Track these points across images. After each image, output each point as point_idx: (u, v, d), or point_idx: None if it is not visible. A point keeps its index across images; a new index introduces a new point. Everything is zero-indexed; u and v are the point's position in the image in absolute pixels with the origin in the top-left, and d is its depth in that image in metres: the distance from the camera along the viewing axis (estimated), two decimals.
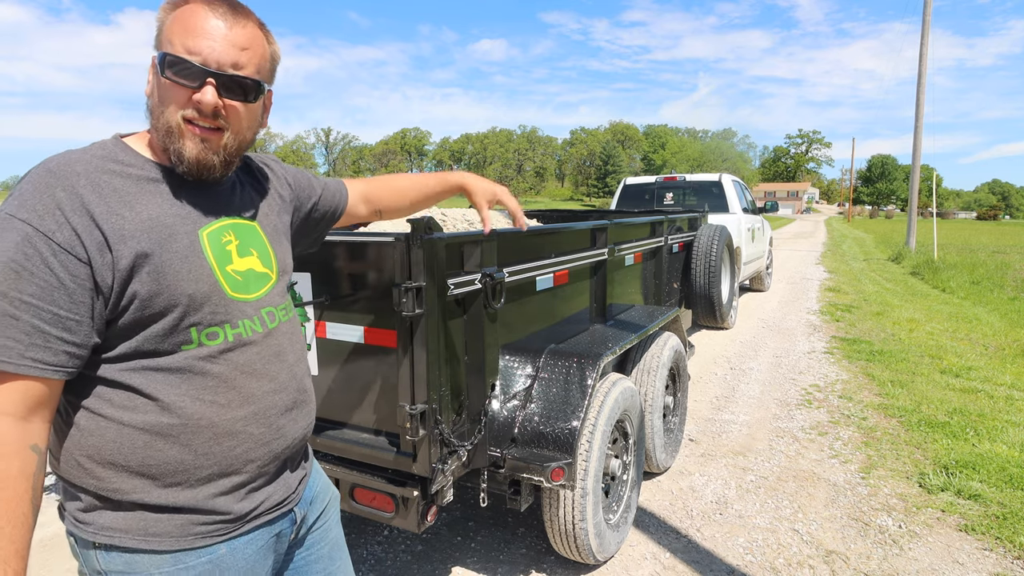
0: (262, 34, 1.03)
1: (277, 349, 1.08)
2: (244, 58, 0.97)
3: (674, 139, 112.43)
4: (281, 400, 1.07)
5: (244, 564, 1.03)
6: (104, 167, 0.94)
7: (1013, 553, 2.72)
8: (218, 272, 0.99)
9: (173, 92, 0.94)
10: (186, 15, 0.94)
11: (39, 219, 0.86)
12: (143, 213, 0.93)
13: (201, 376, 0.97)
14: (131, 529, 0.95)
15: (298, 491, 1.17)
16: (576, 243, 2.92)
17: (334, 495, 1.33)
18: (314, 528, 1.24)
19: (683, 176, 8.93)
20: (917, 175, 17.46)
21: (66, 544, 2.78)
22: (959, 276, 12.32)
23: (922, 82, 16.84)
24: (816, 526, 2.95)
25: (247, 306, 1.03)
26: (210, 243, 0.99)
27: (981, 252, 19.77)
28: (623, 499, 2.76)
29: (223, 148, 0.99)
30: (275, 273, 1.11)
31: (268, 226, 1.14)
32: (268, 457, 1.06)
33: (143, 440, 0.94)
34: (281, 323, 1.10)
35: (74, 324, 0.87)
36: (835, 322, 7.82)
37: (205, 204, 1.02)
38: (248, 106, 1.00)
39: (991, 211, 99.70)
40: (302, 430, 1.14)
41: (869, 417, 4.38)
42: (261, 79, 1.01)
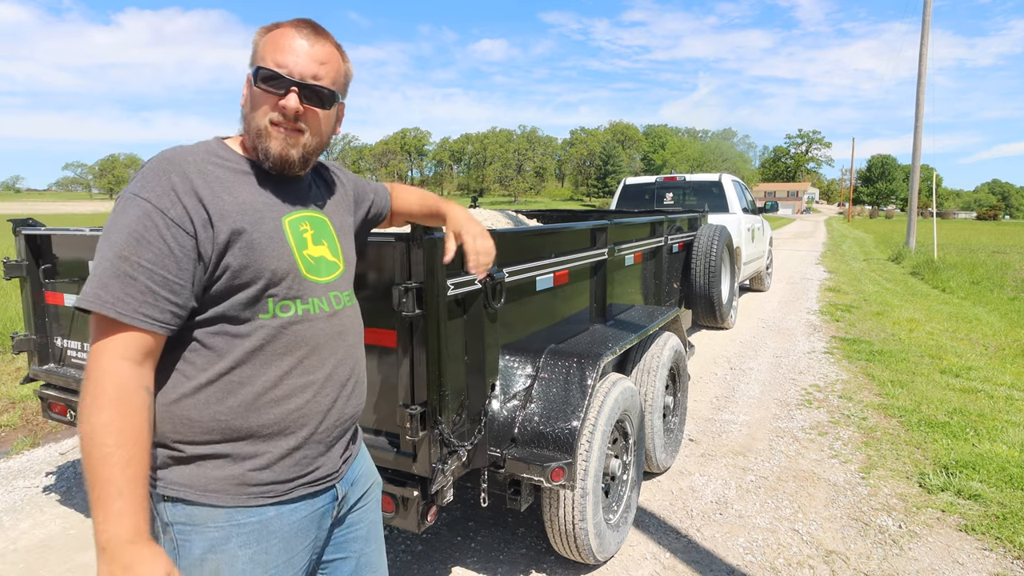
0: (338, 53, 1.20)
1: (340, 328, 1.22)
2: (322, 71, 1.14)
3: (674, 139, 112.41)
4: (339, 375, 1.20)
5: (289, 530, 1.14)
6: (209, 159, 1.11)
7: (1013, 553, 2.72)
8: (297, 254, 1.14)
9: (263, 99, 1.11)
10: (276, 36, 1.14)
11: (157, 198, 1.02)
12: (239, 197, 1.09)
13: (272, 342, 1.11)
14: (194, 484, 1.07)
15: (341, 470, 1.26)
16: (576, 243, 2.92)
17: (376, 480, 1.42)
18: (355, 508, 1.32)
19: (683, 176, 8.93)
20: (917, 175, 17.46)
21: (66, 543, 2.78)
22: (959, 276, 12.32)
23: (922, 82, 16.83)
24: (816, 526, 2.95)
25: (318, 287, 1.18)
26: (291, 229, 1.15)
27: (981, 252, 19.77)
28: (623, 499, 2.76)
29: (303, 147, 1.15)
30: (342, 263, 1.26)
31: (336, 222, 1.29)
32: (320, 427, 1.17)
33: (216, 396, 1.07)
34: (346, 307, 1.25)
35: (179, 287, 1.03)
36: (835, 322, 7.82)
37: (287, 196, 1.18)
38: (324, 112, 1.17)
39: (991, 211, 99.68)
40: (353, 408, 1.26)
41: (869, 417, 4.38)
42: (336, 90, 1.18)
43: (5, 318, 6.57)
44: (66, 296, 2.75)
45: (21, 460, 3.70)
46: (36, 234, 2.76)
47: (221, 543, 1.07)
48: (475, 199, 6.50)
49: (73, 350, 2.79)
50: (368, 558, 1.36)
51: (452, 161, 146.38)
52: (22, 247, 2.76)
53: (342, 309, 1.23)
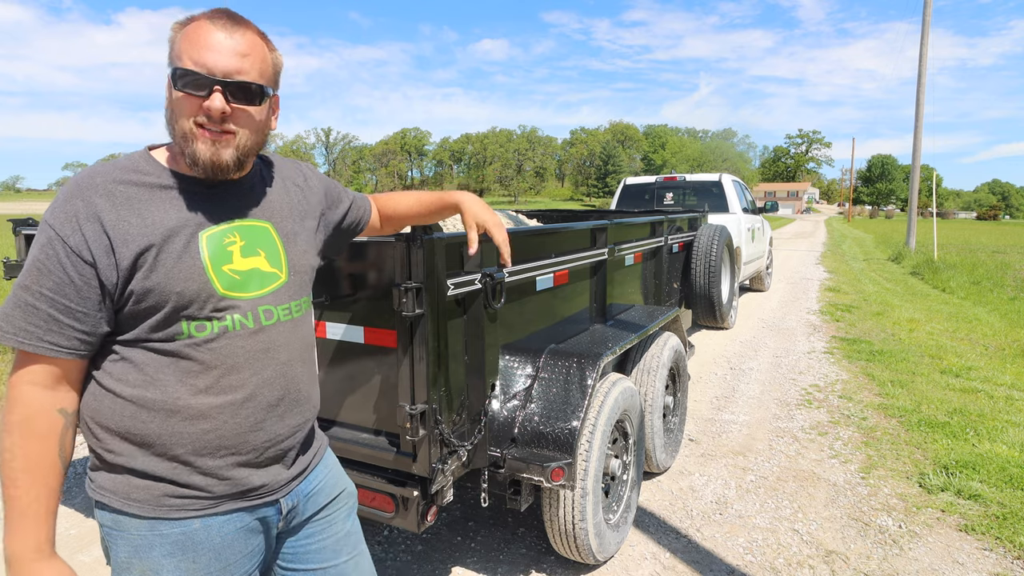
0: (262, 42, 1.11)
1: (267, 345, 1.13)
2: (246, 64, 1.06)
3: (674, 139, 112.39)
4: (264, 396, 1.13)
5: (219, 542, 1.11)
6: (123, 177, 1.06)
7: (1013, 553, 2.72)
8: (211, 271, 1.07)
9: (186, 103, 1.04)
10: (192, 32, 1.04)
11: (60, 225, 1.00)
12: (148, 218, 1.04)
13: (187, 361, 1.06)
14: (117, 491, 1.08)
15: (290, 485, 1.22)
16: (576, 243, 2.92)
17: (348, 491, 1.38)
18: (314, 520, 1.28)
19: (683, 176, 8.92)
20: (917, 175, 17.46)
21: (66, 543, 2.78)
22: (959, 276, 12.32)
23: (922, 82, 16.84)
24: (816, 526, 2.95)
25: (241, 302, 1.10)
26: (208, 244, 1.08)
27: (981, 252, 19.77)
28: (623, 499, 2.76)
29: (235, 148, 1.08)
30: (284, 273, 1.18)
31: (284, 228, 1.21)
32: (244, 447, 1.12)
33: (131, 410, 1.05)
34: (280, 322, 1.16)
35: (82, 315, 1.01)
36: (835, 322, 7.82)
37: (213, 208, 1.11)
38: (255, 109, 1.09)
39: (991, 211, 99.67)
40: (290, 428, 1.19)
41: (869, 417, 4.38)
42: (264, 83, 1.09)
43: None
44: None
45: None
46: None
47: (145, 550, 1.07)
48: None
49: None
50: (341, 570, 1.30)
51: (452, 161, 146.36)
52: (22, 247, 2.76)
53: (272, 324, 1.14)
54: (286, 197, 1.25)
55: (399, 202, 1.59)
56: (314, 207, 1.32)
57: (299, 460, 1.25)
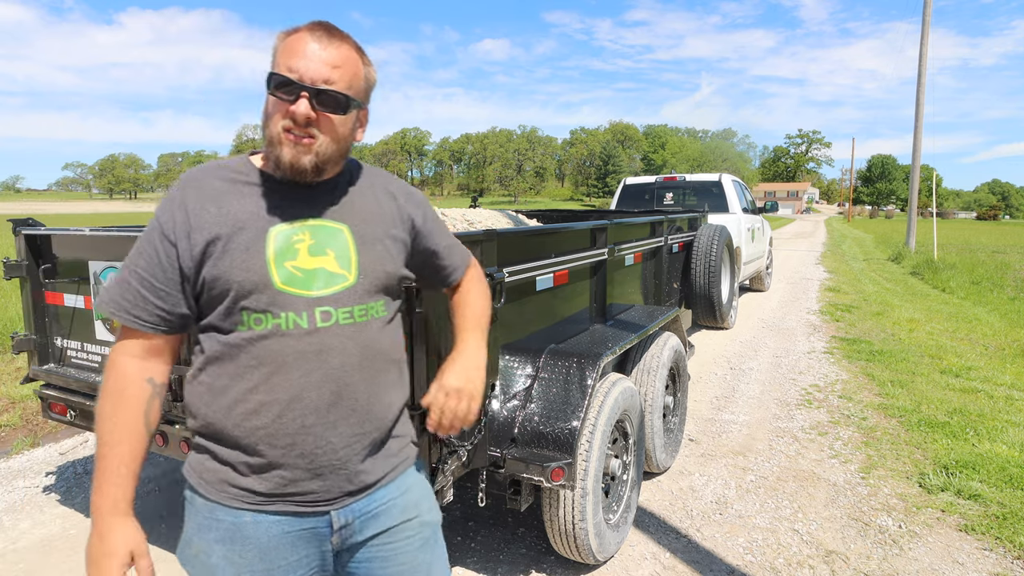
0: (357, 56, 1.15)
1: (319, 348, 1.11)
2: (336, 75, 1.10)
3: (674, 139, 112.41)
4: (310, 399, 1.11)
5: (266, 541, 1.13)
6: (216, 173, 1.15)
7: (1013, 553, 2.72)
8: (272, 265, 1.10)
9: (276, 107, 1.10)
10: (291, 41, 1.11)
11: (160, 212, 1.13)
12: (224, 209, 1.11)
13: (243, 354, 1.10)
14: (194, 469, 1.16)
15: (345, 500, 1.18)
16: (576, 243, 2.92)
17: (419, 520, 1.28)
18: (372, 543, 1.22)
19: (683, 176, 8.92)
20: (917, 175, 17.46)
21: (66, 543, 2.78)
22: (959, 276, 12.32)
23: (922, 82, 16.84)
24: (816, 526, 2.95)
25: (298, 300, 1.11)
26: (276, 240, 1.11)
27: (981, 252, 19.77)
28: (623, 499, 2.76)
29: (315, 154, 1.11)
30: (353, 276, 1.16)
31: (361, 232, 1.20)
32: (293, 450, 1.11)
33: (206, 397, 1.12)
34: (338, 324, 1.13)
35: (164, 293, 1.10)
36: (835, 322, 7.82)
37: (289, 207, 1.15)
38: (339, 118, 1.12)
39: (991, 211, 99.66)
40: (345, 439, 1.14)
41: (869, 417, 4.38)
42: (352, 95, 1.12)
43: (5, 318, 6.57)
44: (66, 296, 2.75)
45: (21, 460, 3.70)
46: (36, 234, 2.76)
47: (204, 531, 1.14)
48: (475, 199, 6.49)
49: (73, 350, 2.79)
50: None
51: (452, 161, 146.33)
52: (22, 247, 2.76)
53: (328, 327, 1.12)
54: (373, 203, 1.24)
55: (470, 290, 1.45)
56: (405, 221, 1.29)
57: (361, 475, 1.18)
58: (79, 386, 2.70)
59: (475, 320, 1.41)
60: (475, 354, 1.35)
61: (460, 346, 1.36)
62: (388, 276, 1.22)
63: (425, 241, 1.34)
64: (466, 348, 1.35)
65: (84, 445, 3.90)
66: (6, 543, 2.79)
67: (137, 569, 1.08)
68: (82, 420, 2.74)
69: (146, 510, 3.07)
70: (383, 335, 1.21)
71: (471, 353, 1.34)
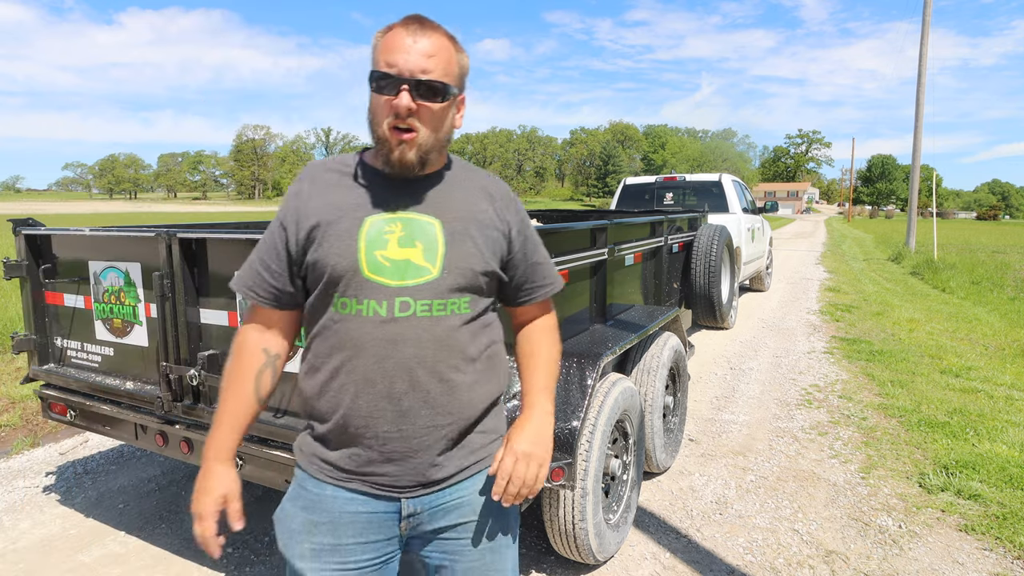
0: (449, 43, 1.18)
1: (394, 337, 1.15)
2: (431, 64, 1.13)
3: (674, 139, 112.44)
4: (383, 385, 1.15)
5: (337, 516, 1.20)
6: (329, 166, 1.25)
7: (1013, 553, 2.72)
8: (362, 253, 1.16)
9: (380, 105, 1.15)
10: (388, 38, 1.16)
11: (283, 201, 1.25)
12: (329, 199, 1.20)
13: (332, 335, 1.18)
14: (298, 444, 1.27)
15: (416, 490, 1.20)
16: (576, 243, 2.92)
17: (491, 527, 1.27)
18: (443, 535, 1.24)
19: (683, 176, 8.93)
20: (917, 175, 17.46)
21: (66, 543, 2.78)
22: (959, 276, 12.32)
23: (922, 82, 16.84)
24: (816, 526, 2.95)
25: (381, 289, 1.15)
26: (369, 229, 1.17)
27: (981, 252, 19.78)
28: (623, 499, 2.76)
29: (417, 147, 1.16)
30: (437, 270, 1.18)
31: (452, 227, 1.21)
32: (367, 432, 1.17)
33: (305, 374, 1.22)
34: (415, 316, 1.15)
35: (276, 273, 1.22)
36: (835, 322, 7.82)
37: (387, 199, 1.20)
38: (438, 106, 1.16)
39: (991, 211, 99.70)
40: (418, 428, 1.17)
41: (869, 417, 4.38)
42: (448, 83, 1.15)
43: (5, 318, 6.57)
44: (66, 296, 2.75)
45: (21, 460, 3.70)
46: (36, 234, 2.76)
47: (293, 498, 1.24)
48: None
49: (73, 350, 2.79)
50: None
51: None
52: (22, 247, 2.76)
53: (406, 317, 1.15)
54: (469, 200, 1.25)
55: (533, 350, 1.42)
56: (502, 224, 1.27)
57: (435, 469, 1.20)
58: (79, 386, 2.70)
59: (547, 378, 1.37)
60: (546, 419, 1.30)
61: (530, 408, 1.31)
62: (474, 274, 1.21)
63: (515, 250, 1.31)
64: (537, 411, 1.30)
65: (84, 445, 3.90)
66: (6, 543, 2.80)
67: (228, 511, 1.22)
68: (82, 420, 2.74)
69: (146, 510, 3.07)
70: (462, 332, 1.21)
71: (543, 418, 1.29)
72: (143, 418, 2.49)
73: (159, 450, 2.50)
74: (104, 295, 2.60)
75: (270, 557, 2.66)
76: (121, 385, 2.58)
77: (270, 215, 13.67)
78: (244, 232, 2.24)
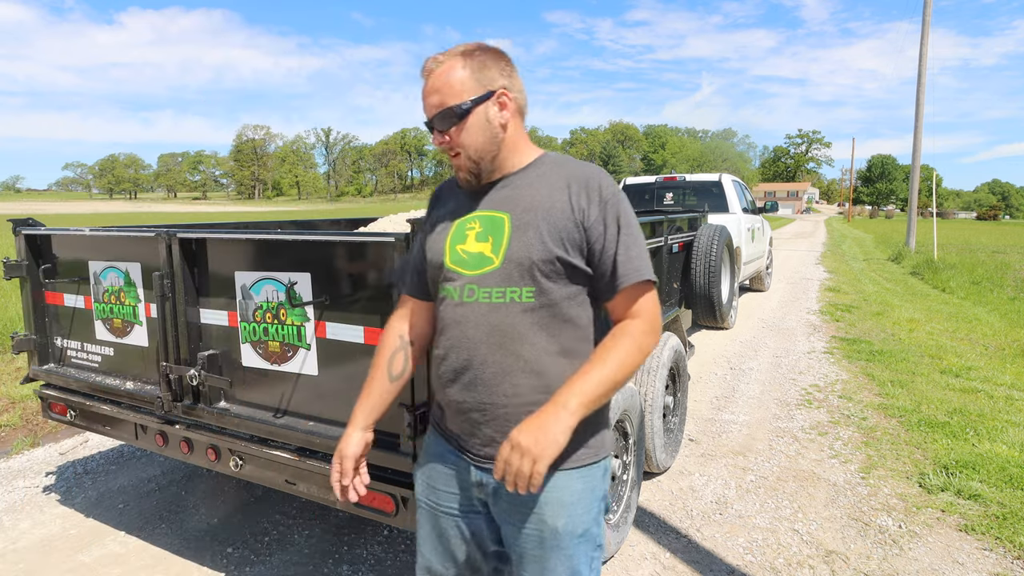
0: (452, 65, 1.26)
1: (460, 319, 1.30)
2: (435, 100, 1.27)
3: (674, 139, 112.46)
4: (451, 360, 1.31)
5: (433, 458, 1.42)
6: (448, 182, 1.47)
7: (1013, 553, 2.72)
8: (448, 247, 1.34)
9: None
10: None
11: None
12: (441, 207, 1.42)
13: (438, 313, 1.37)
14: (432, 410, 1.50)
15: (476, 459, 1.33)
16: None
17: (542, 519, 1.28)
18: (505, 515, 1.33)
19: (683, 176, 8.92)
20: (917, 175, 17.46)
21: (66, 543, 2.78)
22: (959, 276, 12.32)
23: (922, 82, 16.84)
24: (816, 526, 2.95)
25: (458, 278, 1.31)
26: (456, 227, 1.34)
27: (981, 252, 19.77)
28: (623, 499, 2.76)
29: (467, 162, 1.30)
30: (499, 260, 1.27)
31: (519, 219, 1.28)
32: (445, 396, 1.35)
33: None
34: (478, 302, 1.28)
35: (417, 264, 1.44)
36: (835, 322, 7.82)
37: (472, 202, 1.35)
38: (458, 126, 1.27)
39: (991, 211, 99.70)
40: (474, 402, 1.29)
41: (869, 417, 4.37)
42: (456, 103, 1.25)
43: (5, 318, 6.57)
44: (66, 296, 2.75)
45: (21, 460, 3.70)
46: (36, 234, 2.76)
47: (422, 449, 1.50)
48: None
49: (73, 350, 2.79)
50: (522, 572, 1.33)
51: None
52: (22, 247, 2.76)
53: (471, 303, 1.28)
54: (541, 193, 1.29)
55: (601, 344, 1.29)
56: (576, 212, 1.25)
57: (488, 447, 1.30)
58: (79, 386, 2.70)
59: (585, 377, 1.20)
60: (557, 414, 1.16)
61: (553, 401, 1.19)
62: (532, 263, 1.24)
63: (593, 239, 1.27)
64: (552, 406, 1.18)
65: (84, 445, 3.90)
66: (6, 543, 2.79)
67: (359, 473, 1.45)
68: (82, 420, 2.74)
69: (146, 510, 3.07)
70: (522, 320, 1.25)
71: (555, 413, 1.16)
72: (143, 418, 2.49)
73: (159, 450, 2.50)
74: (104, 295, 2.60)
75: (270, 557, 2.66)
76: (121, 385, 2.58)
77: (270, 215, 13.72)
78: (244, 232, 2.24)
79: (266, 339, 2.17)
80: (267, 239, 2.13)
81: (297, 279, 2.05)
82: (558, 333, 1.27)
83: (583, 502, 1.31)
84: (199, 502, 3.15)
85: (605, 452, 1.37)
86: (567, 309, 1.28)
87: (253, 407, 2.26)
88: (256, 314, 2.18)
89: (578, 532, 1.30)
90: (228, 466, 2.28)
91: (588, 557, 1.33)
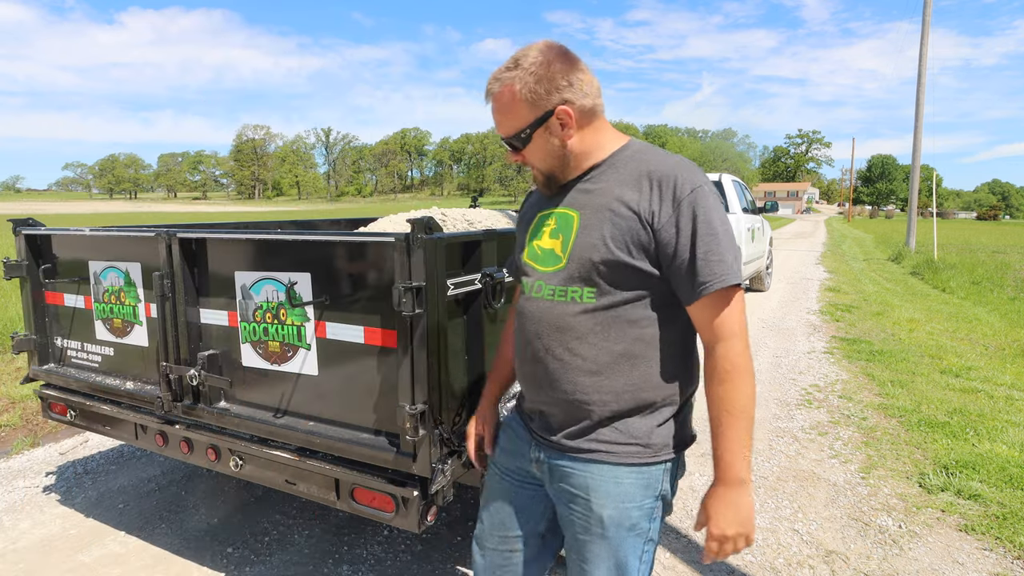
0: (510, 90, 1.26)
1: (528, 313, 1.38)
2: (505, 126, 1.31)
3: (674, 139, 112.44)
4: (523, 351, 1.41)
5: (510, 426, 1.56)
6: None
7: (1013, 553, 2.72)
8: (527, 242, 1.42)
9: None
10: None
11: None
12: (529, 207, 1.50)
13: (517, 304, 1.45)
14: None
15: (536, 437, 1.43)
16: None
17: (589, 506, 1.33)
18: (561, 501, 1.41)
19: None
20: (917, 175, 17.46)
21: (66, 543, 2.78)
22: (959, 276, 12.32)
23: (922, 82, 16.84)
24: (816, 526, 2.95)
25: (532, 272, 1.38)
26: (537, 221, 1.41)
27: (981, 252, 19.77)
28: None
29: (539, 174, 1.37)
30: (565, 259, 1.31)
31: (587, 218, 1.29)
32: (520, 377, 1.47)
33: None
34: (543, 299, 1.34)
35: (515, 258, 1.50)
36: (835, 322, 7.82)
37: (551, 201, 1.39)
38: (527, 149, 1.32)
39: (991, 211, 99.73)
40: (534, 392, 1.41)
41: (869, 417, 4.37)
42: (519, 128, 1.28)
43: (5, 318, 6.57)
44: (66, 296, 2.75)
45: (21, 460, 3.70)
46: (36, 234, 2.76)
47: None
48: (475, 199, 6.48)
49: (73, 350, 2.79)
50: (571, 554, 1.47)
51: (452, 161, 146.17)
52: (22, 247, 2.76)
53: (538, 298, 1.35)
54: (616, 191, 1.26)
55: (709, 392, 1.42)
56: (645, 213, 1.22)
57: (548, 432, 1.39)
58: (79, 386, 2.70)
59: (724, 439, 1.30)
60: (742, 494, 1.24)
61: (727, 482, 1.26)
62: (592, 264, 1.24)
63: (664, 240, 1.22)
64: (735, 485, 1.24)
65: (84, 445, 3.90)
66: (6, 543, 2.79)
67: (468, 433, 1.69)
68: (82, 420, 2.74)
69: (146, 510, 3.07)
70: (581, 320, 1.28)
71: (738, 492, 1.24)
72: (143, 418, 2.49)
73: (159, 450, 2.50)
74: (104, 295, 2.60)
75: (270, 557, 2.66)
76: (121, 385, 2.58)
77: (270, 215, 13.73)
78: (244, 232, 2.24)
79: (266, 339, 2.17)
80: (267, 239, 2.13)
81: (297, 279, 2.05)
82: (620, 335, 1.26)
83: (634, 497, 1.32)
84: (199, 502, 3.15)
85: (669, 454, 1.34)
86: (631, 312, 1.26)
87: (253, 407, 2.26)
88: (256, 314, 2.18)
89: (626, 525, 1.32)
90: (228, 466, 2.27)
91: (638, 550, 1.35)
